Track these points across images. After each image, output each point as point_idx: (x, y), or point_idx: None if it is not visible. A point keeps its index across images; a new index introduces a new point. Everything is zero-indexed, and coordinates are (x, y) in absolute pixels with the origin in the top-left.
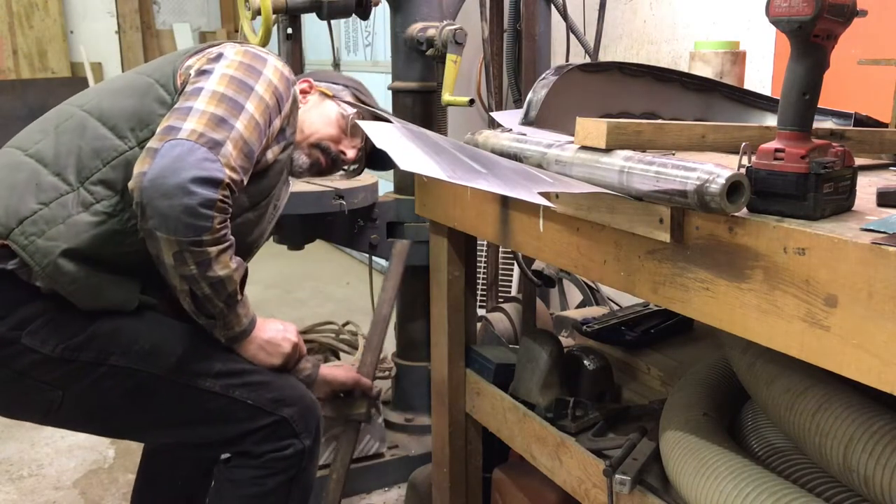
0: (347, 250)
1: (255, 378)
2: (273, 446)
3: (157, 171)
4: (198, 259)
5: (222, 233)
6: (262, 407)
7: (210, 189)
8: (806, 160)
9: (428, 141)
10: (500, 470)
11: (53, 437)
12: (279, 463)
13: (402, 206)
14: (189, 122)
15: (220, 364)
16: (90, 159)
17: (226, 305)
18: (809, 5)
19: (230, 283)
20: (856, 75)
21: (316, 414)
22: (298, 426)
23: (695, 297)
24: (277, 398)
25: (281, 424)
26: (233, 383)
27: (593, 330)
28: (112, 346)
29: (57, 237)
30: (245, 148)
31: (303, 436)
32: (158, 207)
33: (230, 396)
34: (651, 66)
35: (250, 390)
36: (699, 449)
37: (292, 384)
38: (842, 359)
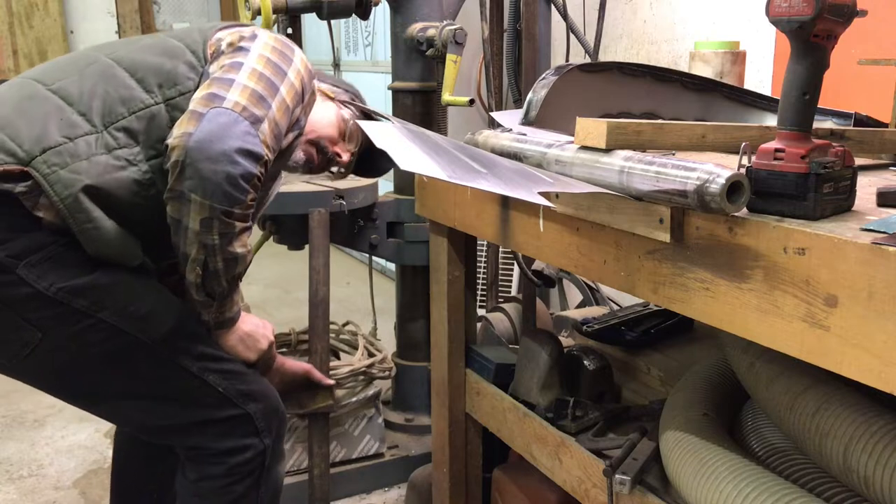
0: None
1: (230, 367)
2: (234, 443)
3: (204, 134)
4: (223, 230)
5: (250, 211)
6: (231, 397)
7: (252, 163)
8: (806, 160)
9: (428, 141)
10: (500, 470)
11: (53, 437)
12: (242, 468)
13: (402, 206)
14: (233, 93)
15: (202, 346)
16: (117, 105)
17: (228, 286)
18: (809, 5)
19: (241, 262)
20: (856, 75)
21: (280, 414)
22: (260, 424)
23: (695, 297)
24: (246, 392)
25: (244, 420)
26: (209, 367)
27: (593, 330)
28: (108, 300)
29: (81, 171)
30: (276, 130)
31: (263, 434)
32: (202, 170)
33: (203, 379)
34: (651, 66)
35: (223, 378)
36: (699, 449)
37: (262, 381)
38: (842, 359)
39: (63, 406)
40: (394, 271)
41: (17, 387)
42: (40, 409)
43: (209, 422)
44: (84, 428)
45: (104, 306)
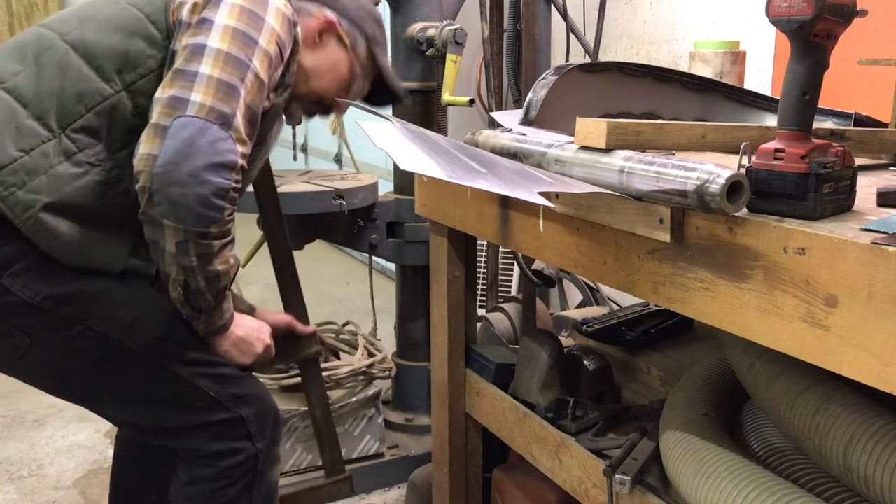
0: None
1: (222, 371)
2: (225, 446)
3: (168, 156)
4: (201, 252)
5: (228, 226)
6: (222, 401)
7: (224, 175)
8: (806, 160)
9: (428, 141)
10: (500, 470)
11: (53, 437)
12: (234, 471)
13: (402, 206)
14: (196, 92)
15: (192, 351)
16: (73, 104)
17: (215, 300)
18: (809, 5)
19: (225, 278)
20: (856, 75)
21: (274, 418)
22: (253, 427)
23: (695, 297)
24: (238, 395)
25: (236, 423)
26: (199, 372)
27: (593, 330)
28: (95, 309)
29: (39, 190)
30: (249, 114)
31: (256, 438)
32: (170, 195)
33: (194, 384)
34: (651, 66)
35: (214, 382)
36: (699, 449)
37: (256, 385)
38: (842, 359)
39: (63, 406)
40: (394, 271)
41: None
42: (40, 409)
43: (201, 425)
44: (84, 428)
45: (91, 314)
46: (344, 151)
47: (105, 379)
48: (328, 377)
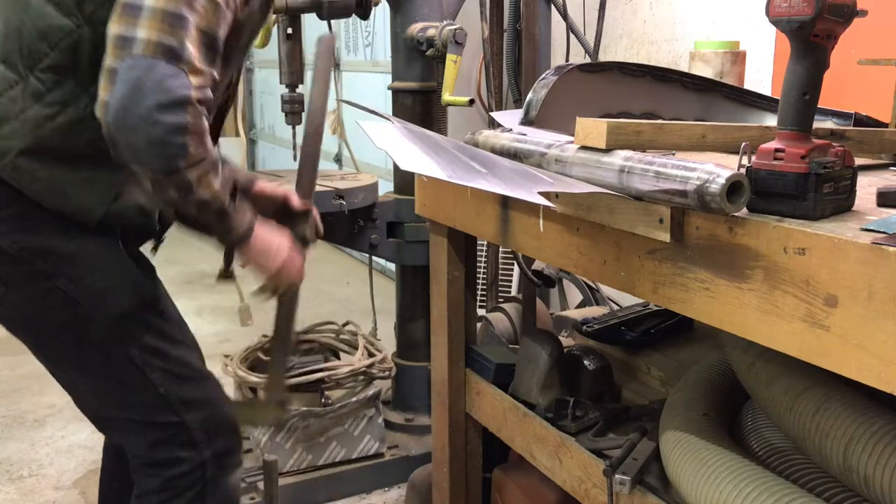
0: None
1: (178, 369)
2: (168, 454)
3: (117, 102)
4: (178, 186)
5: (201, 156)
6: (169, 402)
7: (176, 113)
8: (806, 160)
9: (428, 141)
10: (500, 470)
11: (53, 437)
12: (179, 481)
13: (402, 206)
14: (141, 28)
15: (154, 339)
16: (37, 42)
17: (216, 220)
18: (809, 5)
19: (216, 201)
20: (856, 75)
21: (226, 426)
22: (197, 435)
23: (695, 297)
24: (187, 399)
25: (179, 429)
26: (154, 363)
27: (593, 330)
28: (67, 268)
29: (11, 136)
30: (206, 39)
31: (201, 446)
32: (126, 142)
33: (145, 375)
34: (651, 66)
35: (166, 378)
36: (699, 449)
37: (211, 389)
38: (842, 359)
39: (63, 406)
40: (394, 271)
41: (17, 387)
42: (40, 409)
43: (147, 424)
44: (84, 428)
45: (62, 273)
46: (344, 151)
47: (67, 344)
48: (328, 377)
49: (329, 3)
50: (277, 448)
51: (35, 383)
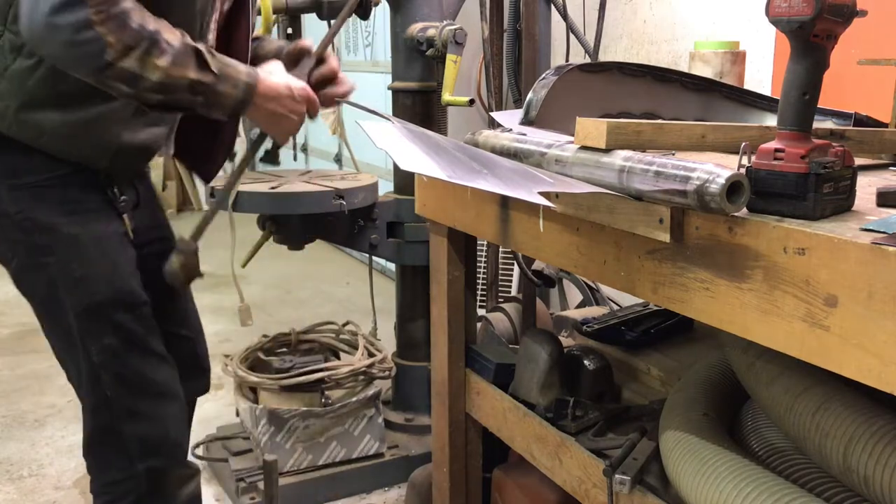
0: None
1: (132, 377)
2: (101, 459)
3: (25, 20)
4: (122, 79)
5: (129, 41)
6: (112, 408)
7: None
8: (806, 160)
9: (428, 141)
10: (500, 470)
11: (54, 437)
12: (112, 488)
13: (402, 206)
14: None
15: (116, 340)
16: None
17: (192, 95)
18: (809, 5)
19: (176, 80)
20: (856, 75)
21: (167, 444)
22: (132, 447)
23: (695, 297)
24: (133, 411)
25: (115, 436)
26: (109, 365)
27: (593, 330)
28: (59, 249)
29: (5, 94)
30: None
31: (135, 460)
32: (47, 54)
33: (97, 375)
34: (651, 66)
35: (118, 383)
36: (699, 449)
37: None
38: (842, 359)
39: (63, 406)
40: (394, 271)
41: (17, 387)
42: (40, 409)
43: (90, 421)
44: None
45: (53, 252)
46: (344, 151)
47: (44, 319)
48: (328, 377)
49: (329, 3)
50: (277, 448)
51: (35, 383)
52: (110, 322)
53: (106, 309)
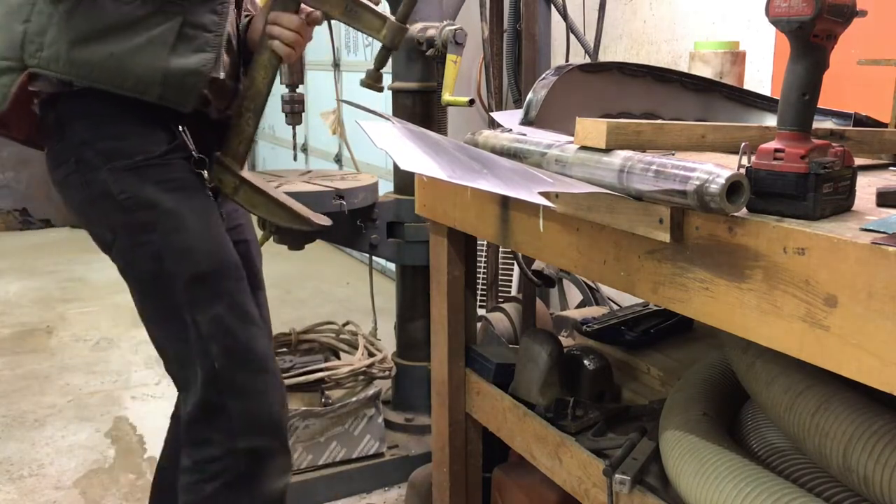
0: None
1: (240, 351)
2: (199, 434)
3: None
4: None
5: None
6: (217, 381)
7: None
8: (805, 160)
9: (428, 141)
10: (500, 470)
11: (54, 437)
12: (208, 466)
13: (402, 206)
14: None
15: (223, 309)
16: None
17: None
18: (809, 5)
19: None
20: (856, 75)
21: (271, 423)
22: (235, 423)
23: (695, 297)
24: (238, 385)
25: (218, 411)
26: (217, 337)
27: (593, 330)
28: (162, 222)
29: (54, 40)
30: None
31: (238, 437)
32: None
33: (205, 347)
34: (651, 66)
35: (224, 355)
36: (699, 449)
37: (267, 381)
38: (842, 359)
39: (63, 406)
40: (394, 271)
41: (17, 387)
42: (40, 409)
43: (194, 396)
44: (84, 428)
45: (158, 227)
46: (344, 151)
47: (148, 298)
48: (328, 377)
49: None
50: None
51: (35, 383)
52: (218, 291)
53: (213, 278)
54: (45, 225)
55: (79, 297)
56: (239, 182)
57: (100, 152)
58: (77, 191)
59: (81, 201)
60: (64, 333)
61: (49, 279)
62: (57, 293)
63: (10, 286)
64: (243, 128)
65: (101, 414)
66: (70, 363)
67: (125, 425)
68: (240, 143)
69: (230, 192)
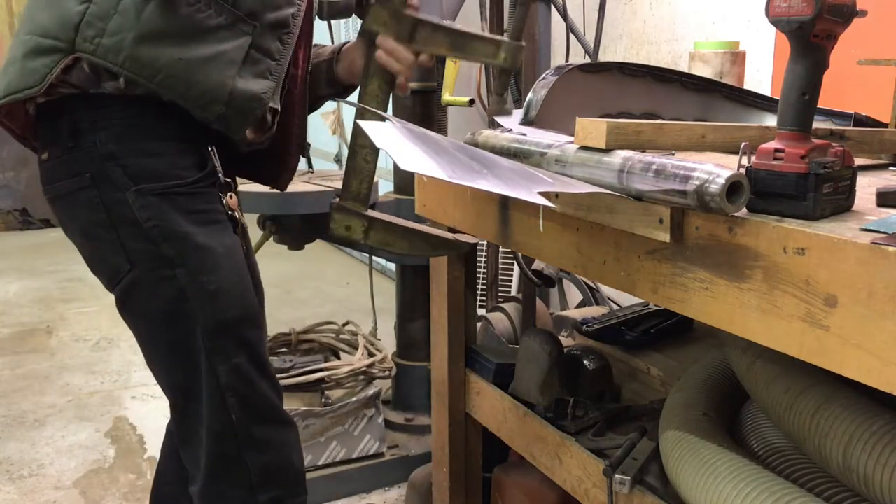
0: (347, 250)
1: (258, 404)
2: (215, 489)
3: None
4: None
5: None
6: (237, 434)
7: None
8: (805, 160)
9: (428, 141)
10: (500, 470)
11: (54, 437)
12: None
13: (402, 206)
14: None
15: (244, 360)
16: None
17: None
18: (809, 5)
19: None
20: (856, 75)
21: (290, 473)
22: (255, 477)
23: (695, 297)
24: (256, 438)
25: (237, 466)
26: (237, 388)
27: (593, 330)
28: (191, 259)
29: (118, 30)
30: None
31: (257, 490)
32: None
33: (224, 400)
34: (651, 66)
35: (243, 409)
36: (699, 449)
37: (286, 433)
38: (842, 359)
39: (63, 406)
40: (394, 271)
41: (17, 387)
42: (40, 409)
43: (209, 451)
44: (84, 428)
45: (185, 263)
46: (344, 151)
47: (160, 341)
48: (328, 377)
49: (329, 3)
50: None
51: (35, 383)
52: (240, 340)
53: (238, 325)
54: (45, 225)
55: (79, 297)
56: (368, 224)
57: (127, 170)
58: (88, 210)
59: (93, 222)
60: (64, 333)
61: (49, 279)
62: (57, 293)
63: (10, 286)
64: (361, 165)
65: (101, 414)
66: (70, 363)
67: (125, 425)
68: (361, 182)
69: (360, 237)
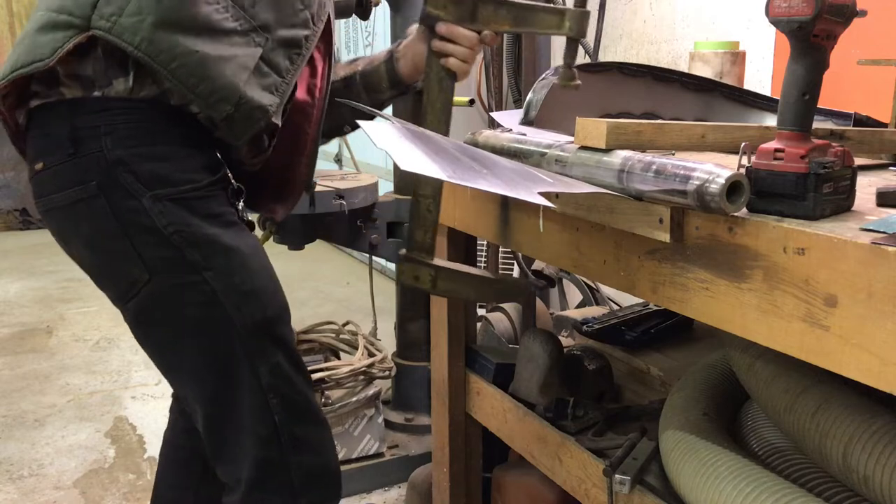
0: (347, 250)
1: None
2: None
3: None
4: None
5: None
6: (280, 435)
7: None
8: (805, 160)
9: (428, 141)
10: (500, 470)
11: (54, 436)
12: None
13: (402, 206)
14: None
15: (283, 358)
16: None
17: None
18: (809, 5)
19: None
20: (856, 75)
21: (330, 474)
22: (297, 482)
23: (695, 297)
24: (300, 438)
25: (280, 470)
26: (278, 388)
27: (593, 330)
28: (219, 261)
29: (139, 11)
30: None
31: (299, 496)
32: None
33: (266, 400)
34: (651, 66)
35: (285, 409)
36: (699, 449)
37: (326, 435)
38: (842, 359)
39: (63, 406)
40: (394, 271)
41: (17, 387)
42: (40, 409)
43: (251, 457)
44: (84, 428)
45: (213, 266)
46: (344, 151)
47: (192, 349)
48: (328, 377)
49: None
50: None
51: (35, 383)
52: (276, 338)
53: (275, 324)
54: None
55: (79, 296)
56: (435, 273)
57: (139, 176)
58: (94, 220)
59: (100, 233)
60: (64, 333)
61: (49, 279)
62: (57, 293)
63: (10, 286)
64: (425, 216)
65: (101, 414)
66: (70, 363)
67: (125, 425)
68: (425, 233)
69: (428, 286)
